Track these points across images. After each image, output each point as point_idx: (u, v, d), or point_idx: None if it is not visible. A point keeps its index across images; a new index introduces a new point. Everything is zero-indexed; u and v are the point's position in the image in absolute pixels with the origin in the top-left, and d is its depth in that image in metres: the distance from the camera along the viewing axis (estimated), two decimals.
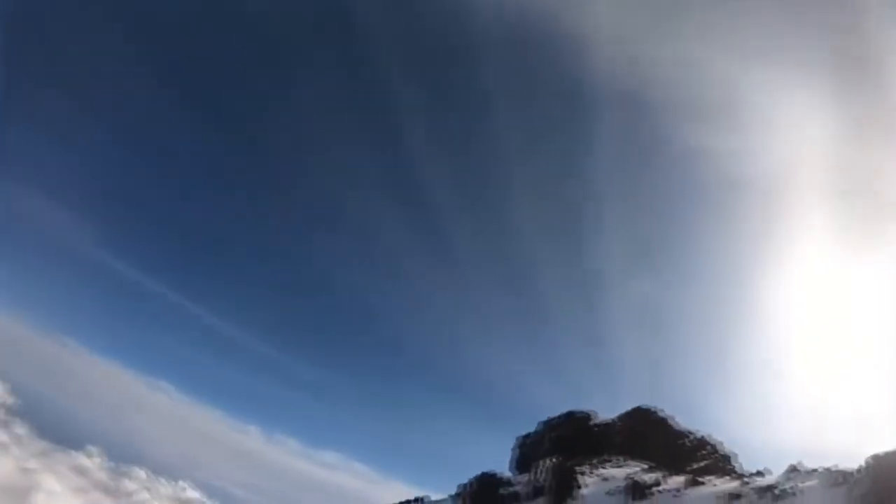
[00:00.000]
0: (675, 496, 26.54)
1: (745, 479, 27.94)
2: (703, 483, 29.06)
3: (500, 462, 40.56)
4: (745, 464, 37.37)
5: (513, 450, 40.95)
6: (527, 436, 42.10)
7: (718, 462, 36.56)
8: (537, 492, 30.33)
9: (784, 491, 22.64)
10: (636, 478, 29.49)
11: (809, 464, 26.30)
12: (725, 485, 28.12)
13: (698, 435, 40.98)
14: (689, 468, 33.26)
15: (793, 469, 25.78)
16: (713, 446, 39.50)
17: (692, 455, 37.78)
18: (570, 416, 42.68)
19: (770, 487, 23.73)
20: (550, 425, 42.27)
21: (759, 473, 29.51)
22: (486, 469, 34.04)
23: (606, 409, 44.79)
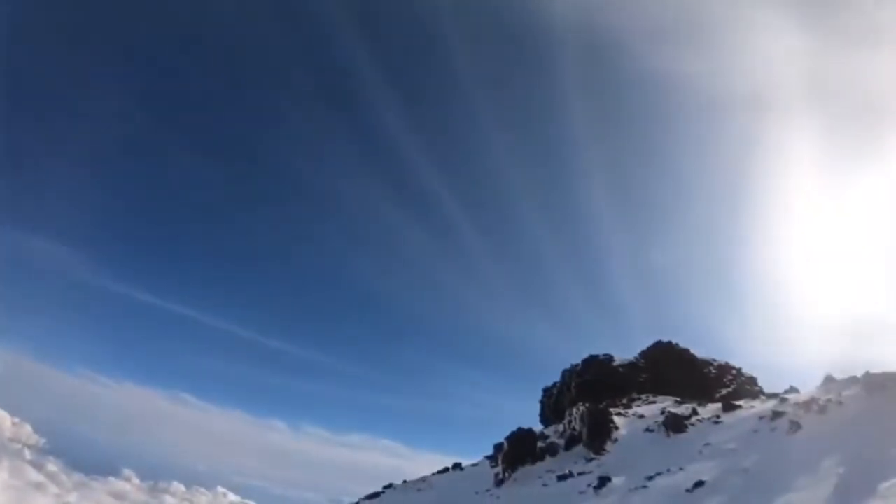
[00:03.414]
0: (714, 423, 26.41)
1: (782, 397, 27.97)
2: (738, 406, 29.08)
3: (528, 419, 40.62)
4: (768, 386, 37.78)
5: (540, 402, 40.97)
6: (551, 387, 42.08)
7: (745, 386, 36.79)
8: (573, 440, 30.15)
9: (828, 401, 22.46)
10: (671, 411, 29.40)
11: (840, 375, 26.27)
12: (761, 407, 28.11)
13: (719, 363, 41.18)
14: (717, 396, 33.36)
15: (829, 380, 25.65)
16: (736, 371, 39.74)
17: (717, 383, 37.97)
18: (590, 361, 42.62)
19: (811, 401, 23.55)
20: (573, 373, 42.20)
21: (794, 390, 29.58)
22: (515, 428, 33.72)
23: (622, 351, 44.90)
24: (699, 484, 19.34)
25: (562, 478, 25.46)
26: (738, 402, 29.83)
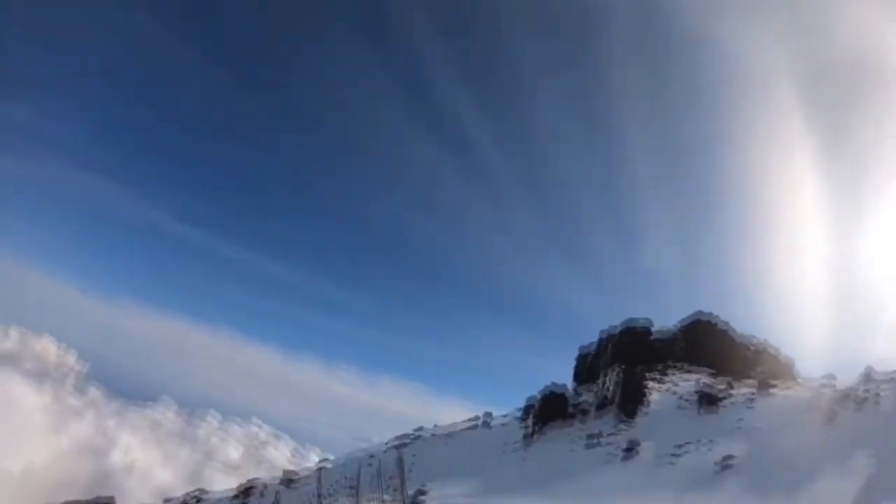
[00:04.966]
0: (748, 407, 26.67)
1: (820, 385, 27.95)
2: (773, 387, 29.22)
3: (561, 376, 41.28)
4: (806, 372, 37.63)
5: (576, 360, 41.52)
6: (587, 347, 42.52)
7: (782, 369, 36.69)
8: (605, 403, 30.80)
9: (867, 395, 22.54)
10: (706, 389, 29.69)
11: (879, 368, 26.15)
12: (797, 392, 28.24)
13: (758, 341, 41.00)
14: (752, 376, 33.42)
15: (869, 373, 25.55)
16: (774, 352, 39.55)
17: (754, 362, 37.92)
18: (628, 325, 42.74)
19: (849, 393, 23.65)
20: (610, 336, 42.49)
21: (832, 378, 29.45)
22: (546, 384, 34.49)
23: (659, 317, 44.76)
24: (727, 465, 19.86)
25: (591, 439, 26.24)
26: (773, 384, 29.93)
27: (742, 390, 29.59)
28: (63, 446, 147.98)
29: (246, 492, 33.25)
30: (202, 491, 38.13)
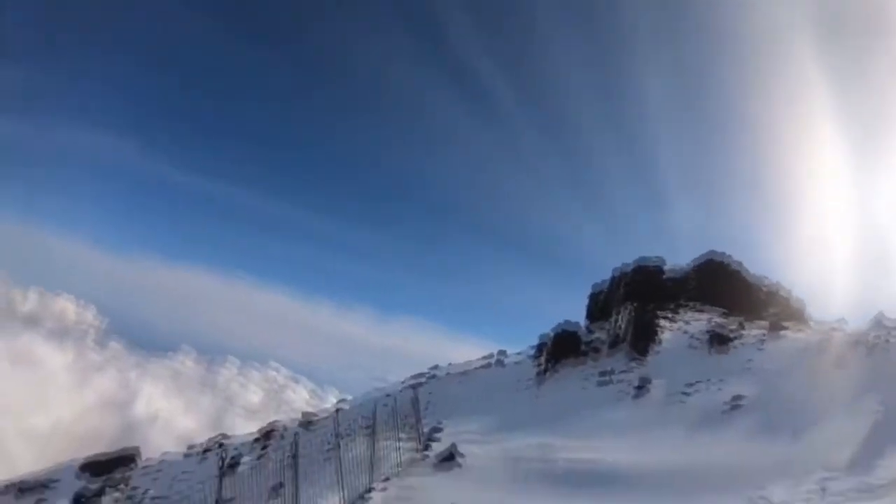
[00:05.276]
0: (758, 349, 27.20)
1: (831, 328, 28.44)
2: (784, 329, 29.73)
3: (574, 314, 41.83)
4: (817, 314, 37.99)
5: (588, 298, 42.04)
6: (600, 285, 42.97)
7: (794, 311, 37.09)
8: (618, 341, 31.43)
9: (877, 340, 22.93)
10: (717, 329, 30.23)
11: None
12: (808, 335, 28.71)
13: (770, 283, 41.28)
14: (764, 317, 33.86)
15: (880, 319, 25.85)
16: (787, 294, 39.87)
17: (766, 303, 38.30)
18: (640, 264, 42.97)
19: (860, 337, 24.06)
20: (622, 275, 42.84)
21: (843, 322, 29.88)
22: (559, 321, 35.08)
23: (672, 256, 44.96)
24: (737, 405, 20.46)
25: (603, 377, 26.96)
26: (784, 326, 30.40)
27: (753, 331, 30.10)
28: (88, 401, 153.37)
29: (267, 435, 34.33)
30: (224, 436, 39.59)
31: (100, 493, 28.71)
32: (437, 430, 20.62)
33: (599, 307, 39.77)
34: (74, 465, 34.02)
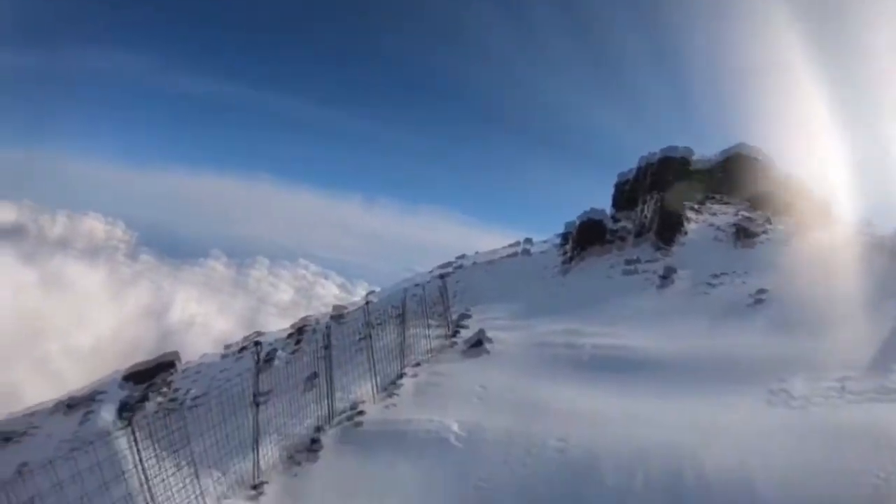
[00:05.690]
0: (784, 245, 27.54)
1: (858, 230, 28.57)
2: (810, 227, 29.90)
3: (600, 202, 41.97)
4: (844, 216, 37.80)
5: (614, 187, 41.98)
6: (626, 174, 42.76)
7: (819, 211, 36.99)
8: (642, 231, 31.84)
9: None
10: (743, 223, 30.49)
11: None
12: (833, 235, 28.90)
13: (798, 180, 40.92)
14: (791, 214, 33.91)
15: None
16: (813, 194, 39.61)
17: (792, 201, 38.17)
18: (667, 154, 42.52)
19: (886, 240, 24.32)
20: (649, 163, 42.53)
21: (870, 225, 29.93)
22: (584, 210, 35.29)
23: (699, 147, 44.36)
24: (759, 299, 21.09)
25: (628, 266, 27.61)
26: (810, 225, 30.58)
27: (779, 227, 30.36)
28: (125, 314, 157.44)
29: (299, 330, 35.28)
30: (258, 334, 40.56)
31: (143, 399, 29.96)
32: (466, 317, 21.39)
33: (625, 197, 39.78)
34: (118, 376, 35.42)
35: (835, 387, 12.50)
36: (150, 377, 34.04)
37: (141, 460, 8.91)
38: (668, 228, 30.62)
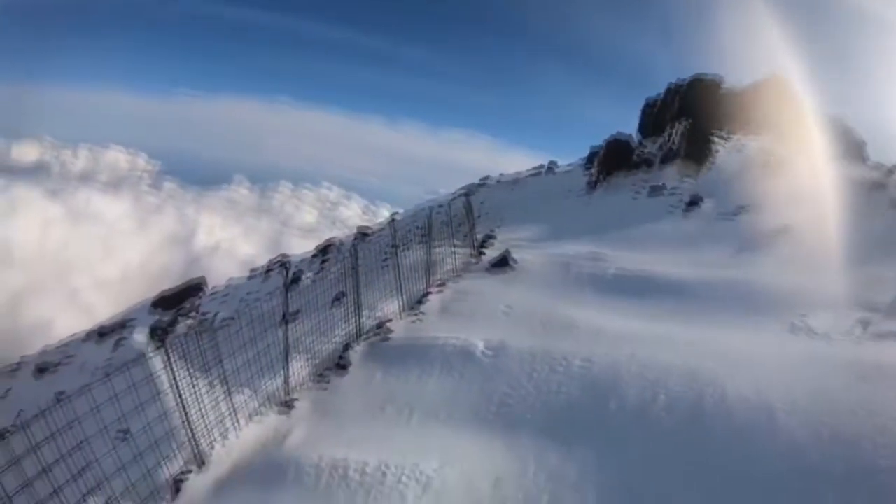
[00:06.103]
0: (812, 177, 27.24)
1: (890, 172, 28.18)
2: (841, 162, 29.47)
3: (627, 127, 41.25)
4: (876, 156, 37.17)
5: (641, 112, 41.27)
6: (654, 99, 41.97)
7: (851, 148, 36.36)
8: (669, 156, 31.55)
9: None
10: (772, 155, 30.12)
11: None
12: (864, 173, 28.56)
13: (832, 115, 40.01)
14: (822, 148, 33.37)
15: None
16: (846, 130, 38.84)
17: (825, 136, 37.47)
18: (697, 80, 41.53)
19: None
20: (677, 89, 41.63)
21: None
22: (614, 132, 34.85)
23: (730, 77, 43.17)
24: (785, 230, 21.11)
25: (654, 190, 27.52)
26: (841, 159, 30.16)
27: (808, 161, 29.92)
28: (152, 243, 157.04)
29: (324, 250, 35.23)
30: (284, 255, 40.21)
31: (173, 323, 30.16)
32: (490, 236, 21.48)
33: (652, 121, 39.15)
34: (146, 303, 35.59)
35: (857, 325, 12.50)
36: (178, 302, 34.25)
37: (175, 380, 9.16)
38: (696, 155, 30.32)
